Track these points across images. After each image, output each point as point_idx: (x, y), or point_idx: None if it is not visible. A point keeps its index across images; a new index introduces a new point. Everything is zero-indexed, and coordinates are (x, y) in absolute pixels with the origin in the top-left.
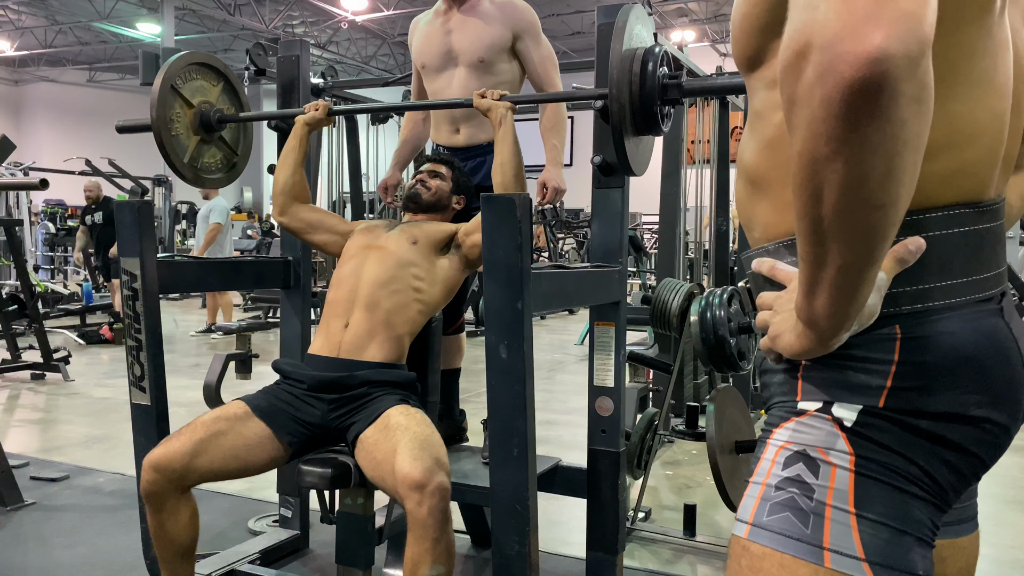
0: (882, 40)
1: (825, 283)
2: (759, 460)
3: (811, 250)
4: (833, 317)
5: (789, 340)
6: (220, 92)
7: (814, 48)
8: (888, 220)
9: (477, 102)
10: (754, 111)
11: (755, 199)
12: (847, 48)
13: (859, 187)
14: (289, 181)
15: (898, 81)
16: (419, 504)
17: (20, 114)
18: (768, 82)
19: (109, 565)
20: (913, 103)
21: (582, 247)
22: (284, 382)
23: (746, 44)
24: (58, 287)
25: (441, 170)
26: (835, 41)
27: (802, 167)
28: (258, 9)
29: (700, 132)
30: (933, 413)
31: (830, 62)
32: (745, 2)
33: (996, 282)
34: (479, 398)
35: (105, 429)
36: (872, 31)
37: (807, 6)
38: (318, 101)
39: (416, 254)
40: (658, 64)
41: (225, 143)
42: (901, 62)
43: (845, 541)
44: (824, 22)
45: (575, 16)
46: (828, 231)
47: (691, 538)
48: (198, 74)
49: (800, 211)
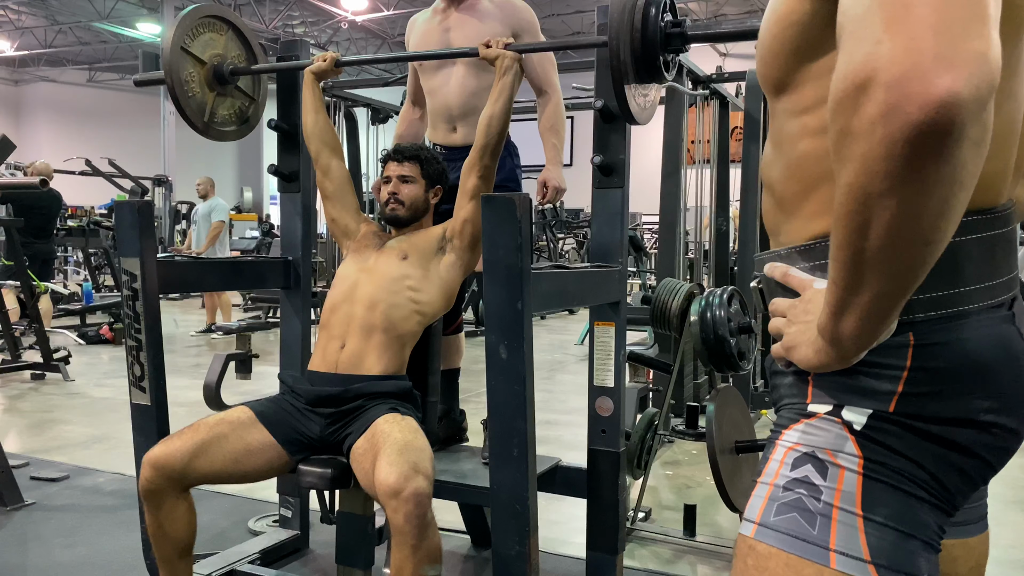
0: (952, 83)
1: (856, 307)
2: (768, 461)
3: (847, 276)
4: (859, 339)
5: (806, 354)
6: (227, 40)
7: (878, 85)
8: (933, 254)
9: (483, 52)
10: (778, 132)
11: (780, 212)
12: (915, 89)
13: (910, 225)
14: (312, 120)
15: (965, 125)
16: (395, 511)
17: (20, 114)
18: (793, 110)
19: (109, 565)
20: (975, 146)
21: (582, 247)
22: (288, 394)
23: (775, 66)
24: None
25: (407, 172)
26: (903, 80)
27: (851, 200)
28: (258, 9)
29: (700, 132)
30: (943, 419)
31: (896, 102)
32: (776, 23)
33: (1008, 288)
34: (479, 398)
35: (105, 429)
36: (943, 72)
37: (867, 38)
38: (326, 52)
39: (409, 266)
40: (660, 10)
41: (242, 91)
42: (971, 106)
43: (851, 543)
44: (891, 58)
45: (575, 16)
46: (869, 262)
47: (691, 538)
48: (205, 27)
49: (841, 240)
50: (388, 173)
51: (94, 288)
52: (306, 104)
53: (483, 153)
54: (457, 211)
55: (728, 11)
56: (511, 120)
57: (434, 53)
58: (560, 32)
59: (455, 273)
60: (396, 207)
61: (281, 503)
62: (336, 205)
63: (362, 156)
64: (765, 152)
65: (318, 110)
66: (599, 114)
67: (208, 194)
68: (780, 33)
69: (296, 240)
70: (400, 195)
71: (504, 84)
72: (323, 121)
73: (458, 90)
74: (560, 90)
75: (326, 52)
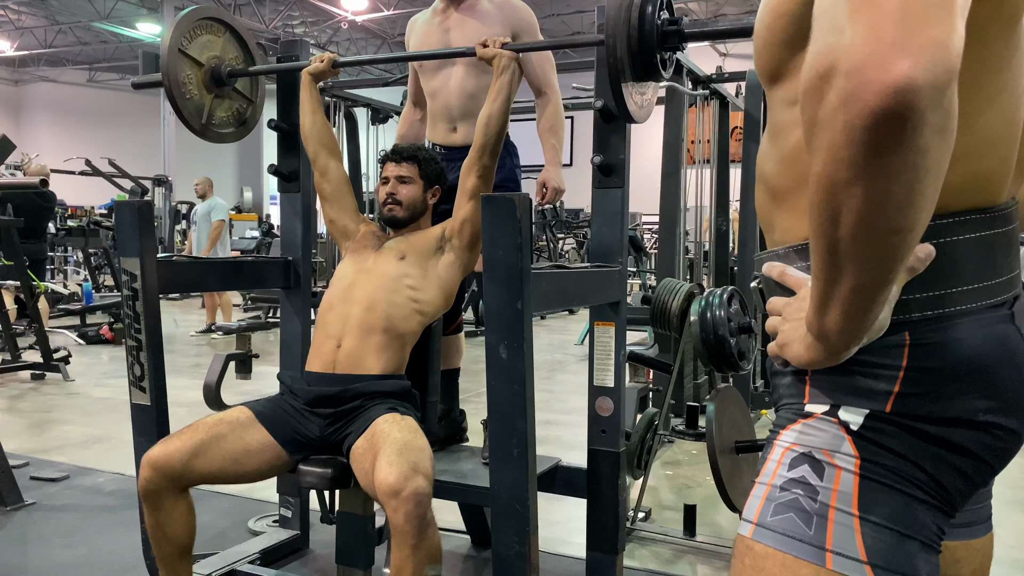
0: (909, 69)
1: (838, 300)
2: (765, 461)
3: (825, 268)
4: (844, 333)
5: (798, 350)
6: (225, 42)
7: (838, 73)
8: (905, 244)
9: (480, 52)
10: (774, 123)
11: (774, 206)
12: (873, 76)
13: (877, 212)
14: (310, 121)
15: (924, 111)
16: (395, 511)
17: (20, 114)
18: (788, 100)
19: (109, 565)
20: (937, 132)
21: (582, 247)
22: (287, 394)
23: (768, 57)
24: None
25: (405, 172)
26: (861, 67)
27: (820, 189)
28: (258, 9)
29: (700, 132)
30: (941, 419)
31: (855, 89)
32: (769, 13)
33: (1008, 287)
34: (479, 398)
35: (105, 429)
36: (899, 59)
37: (832, 28)
38: (324, 53)
39: (407, 266)
40: (657, 8)
41: (240, 93)
42: (928, 92)
43: (848, 543)
44: (850, 47)
45: (575, 16)
46: (844, 252)
47: (691, 538)
48: (202, 30)
49: (816, 231)
50: (386, 174)
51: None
52: (304, 105)
53: (482, 152)
54: (456, 211)
55: (728, 11)
56: (511, 120)
57: (432, 53)
58: (560, 32)
59: (454, 273)
60: (394, 208)
61: (281, 503)
62: (334, 206)
63: (362, 156)
64: (761, 144)
65: (316, 111)
66: (599, 114)
67: (207, 194)
68: (773, 23)
69: (296, 240)
70: (398, 196)
71: (502, 83)
72: (321, 122)
73: (458, 90)
74: (559, 91)
75: (324, 53)
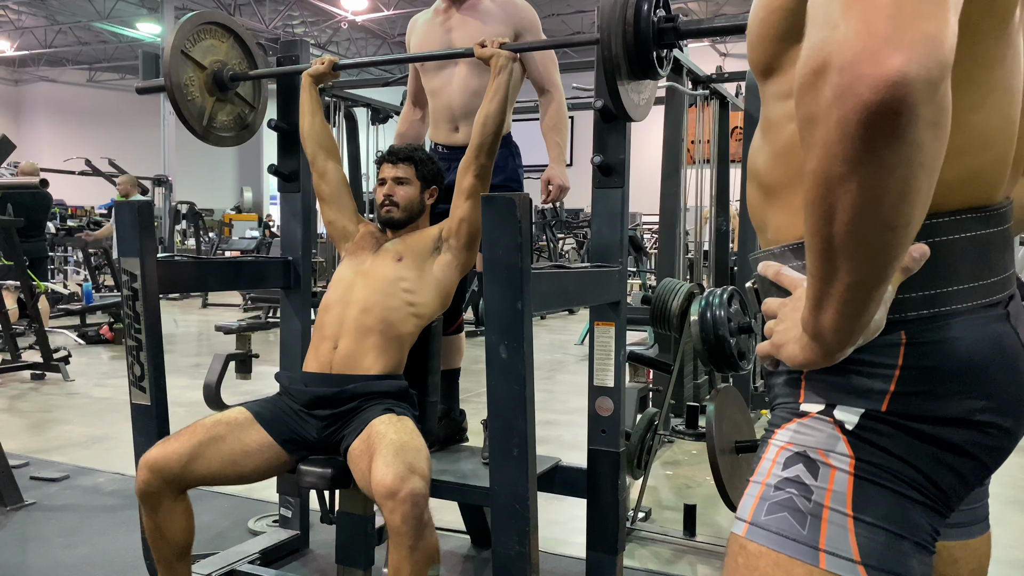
0: (902, 63)
1: (833, 299)
2: (760, 460)
3: (820, 266)
4: (839, 332)
5: (793, 351)
6: (229, 47)
7: (832, 68)
8: (900, 241)
9: (478, 52)
10: (767, 119)
11: (767, 203)
12: (866, 70)
13: (872, 208)
14: (309, 123)
15: (917, 105)
16: (392, 511)
17: (20, 114)
18: (781, 94)
19: (109, 565)
20: (931, 127)
21: (582, 247)
22: (285, 395)
23: (762, 51)
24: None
25: (401, 174)
26: (854, 62)
27: (815, 185)
28: (258, 9)
29: (700, 132)
30: (936, 418)
31: (849, 84)
32: (763, 8)
33: (1003, 286)
34: (479, 398)
35: (105, 429)
36: (892, 54)
37: (826, 24)
38: (325, 56)
39: (404, 268)
40: (653, 5)
41: (241, 98)
42: (921, 86)
43: (841, 543)
44: (843, 42)
45: (575, 16)
46: (839, 249)
47: (691, 538)
48: (206, 34)
49: (811, 228)
50: (383, 175)
51: (94, 288)
52: (303, 107)
53: (479, 152)
54: (453, 210)
55: (728, 11)
56: (514, 120)
57: (431, 54)
58: (560, 32)
59: (451, 273)
60: (391, 209)
61: (281, 503)
62: (333, 208)
63: (362, 156)
64: (753, 140)
65: (315, 113)
66: (599, 114)
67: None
68: (767, 17)
69: (296, 240)
70: (395, 197)
71: (499, 83)
72: (320, 124)
73: (460, 90)
74: (562, 89)
75: (325, 55)
